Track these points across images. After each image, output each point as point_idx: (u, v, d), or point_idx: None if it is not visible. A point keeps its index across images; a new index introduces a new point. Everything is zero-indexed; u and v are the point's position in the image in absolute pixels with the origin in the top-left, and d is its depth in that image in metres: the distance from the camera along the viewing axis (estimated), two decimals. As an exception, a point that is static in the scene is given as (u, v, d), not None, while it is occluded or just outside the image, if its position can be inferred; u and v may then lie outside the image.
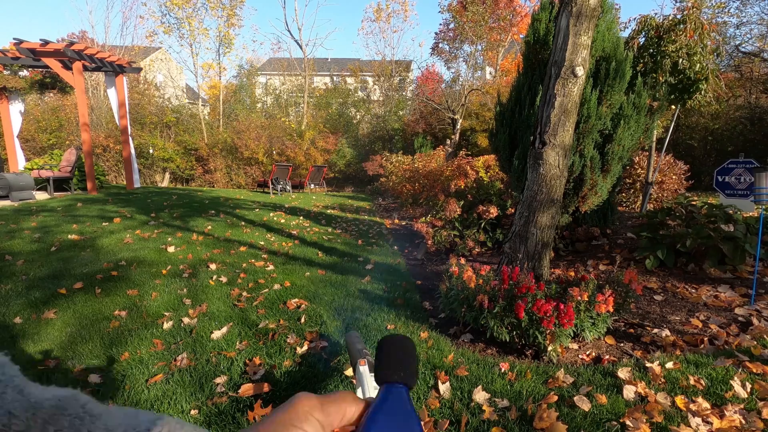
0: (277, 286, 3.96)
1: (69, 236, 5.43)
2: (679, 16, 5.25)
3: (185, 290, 3.81)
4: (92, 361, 2.61)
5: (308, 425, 0.31)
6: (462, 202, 5.86)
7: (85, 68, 9.48)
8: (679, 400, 2.11)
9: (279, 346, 2.80)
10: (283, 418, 0.31)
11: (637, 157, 7.07)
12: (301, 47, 21.97)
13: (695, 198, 5.47)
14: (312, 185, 15.09)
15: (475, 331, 3.04)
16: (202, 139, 17.43)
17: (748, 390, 2.16)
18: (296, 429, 0.31)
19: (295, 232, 6.67)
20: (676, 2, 9.64)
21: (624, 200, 7.47)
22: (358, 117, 20.50)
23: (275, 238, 6.17)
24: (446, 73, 34.66)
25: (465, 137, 15.72)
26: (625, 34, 5.75)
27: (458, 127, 15.48)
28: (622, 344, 2.85)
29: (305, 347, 2.79)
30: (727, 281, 3.76)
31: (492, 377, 2.43)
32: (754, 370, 2.32)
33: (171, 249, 5.08)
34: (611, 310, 2.75)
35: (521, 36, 18.67)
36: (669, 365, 2.44)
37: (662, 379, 2.32)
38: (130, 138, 10.74)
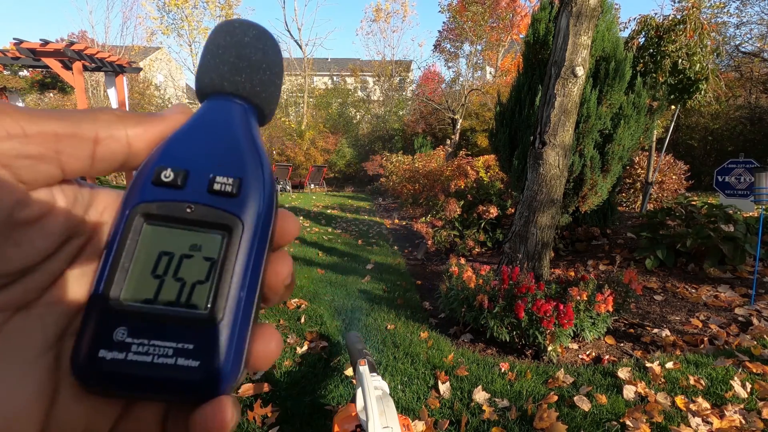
0: (277, 286, 3.96)
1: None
2: (679, 16, 5.25)
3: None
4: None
5: None
6: (462, 202, 5.86)
7: (85, 68, 9.47)
8: (679, 400, 2.11)
9: (279, 346, 2.80)
10: None
11: (637, 157, 7.07)
12: (300, 47, 22.00)
13: (695, 198, 5.47)
14: (312, 185, 15.10)
15: (475, 331, 3.04)
16: (202, 139, 17.40)
17: (748, 390, 2.16)
18: None
19: (295, 232, 6.67)
20: (675, 2, 9.66)
21: (624, 200, 7.47)
22: (358, 117, 20.51)
23: (275, 238, 6.17)
24: (447, 73, 34.69)
25: (465, 137, 15.72)
26: (625, 34, 5.75)
27: (458, 127, 15.49)
28: (622, 344, 2.84)
29: (305, 347, 2.79)
30: (727, 281, 3.76)
31: (492, 377, 2.43)
32: (754, 370, 2.32)
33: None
34: (611, 310, 2.75)
35: (521, 36, 18.67)
36: (669, 365, 2.44)
37: (662, 379, 2.32)
38: (130, 138, 10.73)
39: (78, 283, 0.20)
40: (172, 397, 0.19)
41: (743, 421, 1.93)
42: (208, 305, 0.20)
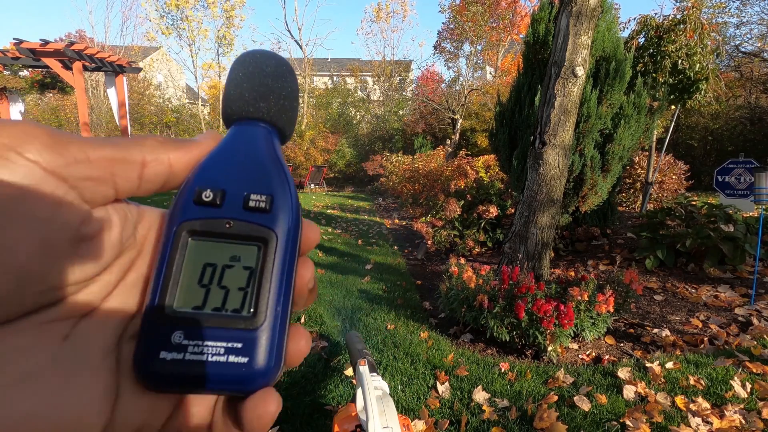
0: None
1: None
2: (679, 16, 5.25)
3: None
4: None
5: (5, 169, 0.17)
6: (462, 202, 5.86)
7: (85, 68, 9.47)
8: (679, 400, 2.11)
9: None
10: None
11: (637, 157, 7.07)
12: (301, 47, 22.01)
13: (695, 198, 5.47)
14: (312, 185, 15.10)
15: (475, 331, 3.04)
16: (202, 139, 17.44)
17: (748, 390, 2.16)
18: None
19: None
20: (676, 2, 9.66)
21: (624, 200, 7.47)
22: (358, 117, 20.51)
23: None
24: (447, 72, 34.69)
25: (465, 137, 15.71)
26: (625, 34, 5.75)
27: (458, 127, 15.48)
28: (622, 344, 2.84)
29: (305, 347, 2.79)
30: (727, 281, 3.76)
31: (492, 377, 2.43)
32: (754, 370, 2.32)
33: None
34: (611, 310, 2.75)
35: (521, 36, 18.67)
36: (669, 365, 2.44)
37: (662, 379, 2.32)
38: (130, 138, 10.72)
39: (131, 292, 0.22)
40: (225, 390, 0.21)
41: (743, 421, 1.93)
42: (251, 309, 0.22)
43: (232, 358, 0.21)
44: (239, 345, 0.21)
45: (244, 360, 0.21)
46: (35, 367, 0.18)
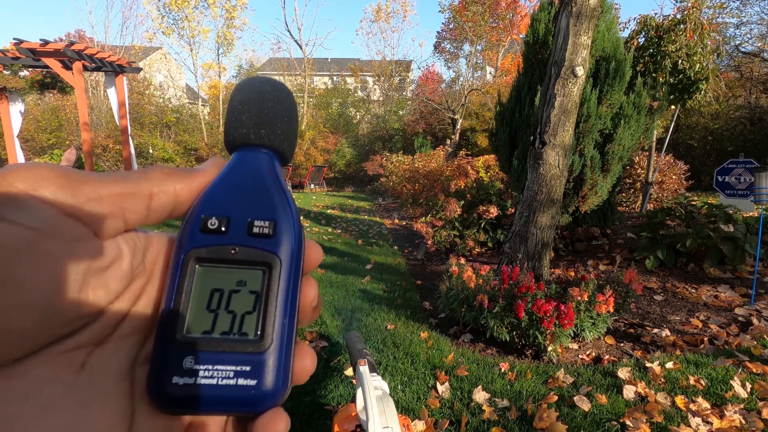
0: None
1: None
2: (679, 16, 5.25)
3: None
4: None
5: (22, 212, 0.17)
6: (462, 202, 5.86)
7: (85, 68, 9.46)
8: (679, 400, 2.11)
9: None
10: None
11: (637, 157, 7.07)
12: (301, 47, 22.00)
13: (695, 198, 5.47)
14: (312, 185, 15.10)
15: (475, 331, 3.04)
16: (202, 139, 17.44)
17: (748, 390, 2.16)
18: None
19: (295, 232, 6.68)
20: (677, 2, 9.66)
21: (624, 200, 7.47)
22: (358, 117, 20.50)
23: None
24: (447, 73, 34.69)
25: (465, 137, 15.71)
26: (625, 34, 5.75)
27: (458, 127, 15.48)
28: (622, 344, 2.84)
29: (305, 347, 2.79)
30: (727, 281, 3.76)
31: (492, 377, 2.43)
32: (754, 370, 2.32)
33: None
34: (611, 310, 2.75)
35: (521, 36, 18.66)
36: (669, 365, 2.44)
37: (662, 379, 2.32)
38: (130, 138, 10.73)
39: (143, 318, 0.23)
40: (235, 411, 0.22)
41: (743, 421, 1.93)
42: (258, 332, 0.23)
43: (241, 381, 0.22)
44: (248, 368, 0.22)
45: (253, 382, 0.22)
46: (56, 396, 0.18)
